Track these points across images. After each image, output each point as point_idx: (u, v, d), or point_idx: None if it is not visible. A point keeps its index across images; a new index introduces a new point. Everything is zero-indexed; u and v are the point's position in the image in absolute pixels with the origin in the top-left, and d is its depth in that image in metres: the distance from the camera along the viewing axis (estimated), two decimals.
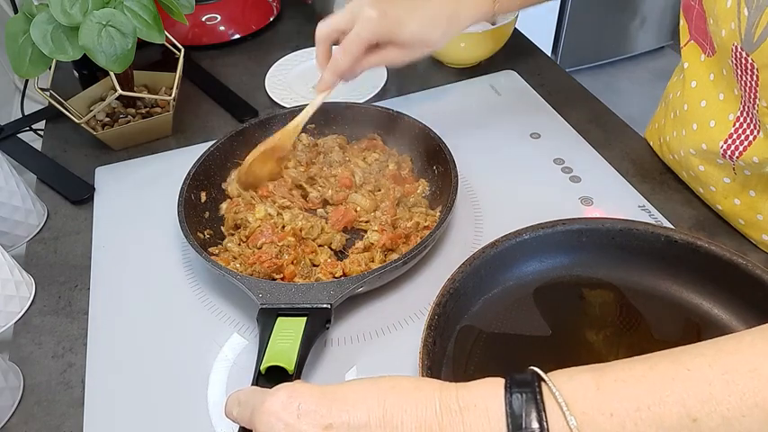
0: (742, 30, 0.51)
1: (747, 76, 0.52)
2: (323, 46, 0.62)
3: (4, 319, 0.58)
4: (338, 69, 0.61)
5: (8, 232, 0.66)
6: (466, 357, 0.51)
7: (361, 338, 0.56)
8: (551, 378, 0.33)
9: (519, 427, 0.32)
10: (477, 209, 0.67)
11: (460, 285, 0.52)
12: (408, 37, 0.59)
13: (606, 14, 2.36)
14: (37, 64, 0.67)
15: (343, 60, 0.60)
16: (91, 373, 0.55)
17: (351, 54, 0.59)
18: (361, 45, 0.59)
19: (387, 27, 0.58)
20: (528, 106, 0.82)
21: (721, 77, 0.57)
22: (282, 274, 0.59)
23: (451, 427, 0.33)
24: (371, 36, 0.59)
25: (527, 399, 0.32)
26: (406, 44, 0.60)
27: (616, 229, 0.55)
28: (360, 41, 0.59)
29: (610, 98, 0.92)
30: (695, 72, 0.62)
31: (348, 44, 0.59)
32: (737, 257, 0.51)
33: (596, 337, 0.52)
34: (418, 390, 0.35)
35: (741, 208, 0.61)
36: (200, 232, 0.63)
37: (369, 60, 0.61)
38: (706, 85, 0.60)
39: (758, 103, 0.52)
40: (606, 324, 0.53)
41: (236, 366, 0.54)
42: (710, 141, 0.59)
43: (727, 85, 0.57)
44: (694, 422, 0.30)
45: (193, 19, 0.95)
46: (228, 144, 0.70)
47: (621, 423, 0.31)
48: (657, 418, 0.30)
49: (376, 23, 0.58)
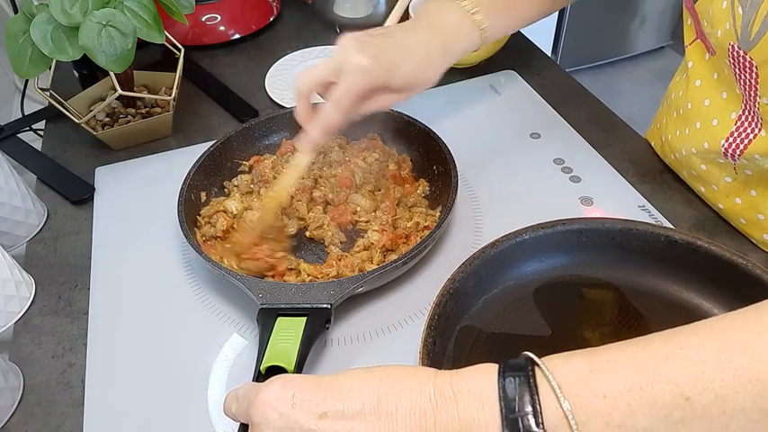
0: (738, 28, 0.51)
1: (746, 74, 0.52)
2: (304, 101, 0.56)
3: (4, 319, 0.58)
4: (329, 125, 0.55)
5: (8, 232, 0.66)
6: (466, 357, 0.51)
7: (361, 338, 0.56)
8: (545, 362, 0.33)
9: (512, 411, 0.32)
10: (477, 209, 0.67)
11: (460, 285, 0.52)
12: (403, 81, 0.55)
13: (606, 14, 2.36)
14: (37, 64, 0.67)
15: (334, 116, 0.54)
16: (91, 373, 0.55)
17: (343, 109, 0.54)
18: (353, 98, 0.53)
19: (380, 74, 0.53)
20: (528, 106, 0.82)
21: (724, 77, 0.57)
22: (273, 272, 0.59)
23: (445, 412, 0.33)
24: (364, 87, 0.53)
25: (520, 383, 0.33)
26: (401, 88, 0.56)
27: (616, 229, 0.55)
28: (352, 94, 0.53)
29: (610, 98, 0.92)
30: (699, 71, 0.61)
31: (339, 99, 0.53)
32: (737, 257, 0.51)
33: (596, 336, 0.52)
34: (413, 377, 0.35)
35: (742, 207, 0.61)
36: (198, 229, 0.63)
37: (360, 110, 0.56)
38: (710, 84, 0.60)
39: (759, 100, 0.52)
40: (606, 324, 0.53)
41: (236, 366, 0.54)
42: (712, 140, 0.59)
43: (729, 85, 0.57)
44: (687, 400, 0.30)
45: (193, 19, 0.95)
46: (228, 144, 0.70)
47: (614, 404, 0.31)
48: (650, 398, 0.30)
49: (367, 72, 0.53)
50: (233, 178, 0.70)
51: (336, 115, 0.54)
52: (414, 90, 0.57)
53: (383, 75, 0.54)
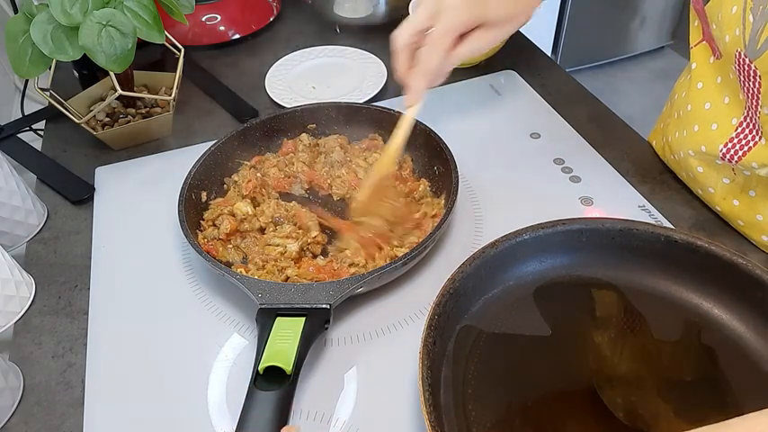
0: (746, 36, 0.51)
1: (750, 82, 0.52)
2: (404, 53, 0.55)
3: (4, 319, 0.58)
4: (429, 70, 0.54)
5: (8, 232, 0.66)
6: (466, 357, 0.51)
7: (361, 338, 0.56)
8: None
9: None
10: (477, 209, 0.67)
11: (460, 285, 0.52)
12: (502, 13, 0.54)
13: (606, 14, 2.36)
14: (37, 64, 0.66)
15: (432, 59, 0.53)
16: (91, 373, 0.55)
17: (443, 49, 0.53)
18: (453, 37, 0.53)
19: (477, 9, 0.52)
20: (528, 106, 0.82)
21: (728, 81, 0.57)
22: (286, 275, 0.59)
23: None
24: (463, 24, 0.52)
25: None
26: (498, 22, 0.54)
27: (616, 229, 0.55)
28: (452, 33, 0.52)
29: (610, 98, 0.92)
30: (703, 73, 0.61)
31: (438, 39, 0.53)
32: (737, 257, 0.51)
33: (596, 336, 0.52)
34: None
35: (740, 209, 0.61)
36: (201, 232, 0.63)
37: (457, 53, 0.55)
38: (712, 88, 0.60)
39: (760, 110, 0.52)
40: (606, 324, 0.53)
41: (236, 366, 0.54)
42: (710, 144, 0.59)
43: (733, 90, 0.57)
44: None
45: (193, 19, 0.95)
46: (228, 144, 0.70)
47: None
48: None
49: (465, 8, 0.52)
50: (233, 174, 0.70)
51: (435, 58, 0.53)
52: (511, 23, 0.56)
53: (480, 9, 0.53)
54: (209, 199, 0.67)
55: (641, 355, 0.51)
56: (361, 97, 0.83)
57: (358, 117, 0.75)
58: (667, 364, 0.51)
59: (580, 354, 0.51)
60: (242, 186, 0.67)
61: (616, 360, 0.51)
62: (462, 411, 0.48)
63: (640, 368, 0.50)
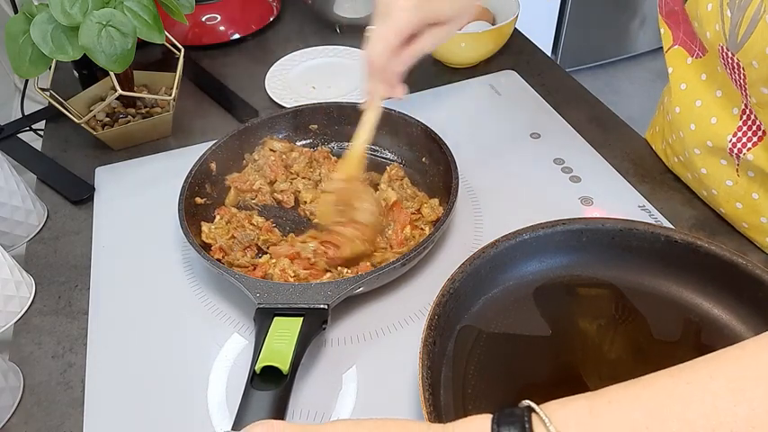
0: (726, 31, 0.51)
1: (736, 74, 0.53)
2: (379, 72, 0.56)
3: (4, 319, 0.58)
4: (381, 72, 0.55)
5: (8, 232, 0.66)
6: (466, 357, 0.51)
7: (360, 338, 0.56)
8: (543, 408, 0.32)
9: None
10: (477, 209, 0.67)
11: (460, 285, 0.52)
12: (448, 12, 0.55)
13: (606, 14, 2.36)
14: (37, 64, 0.67)
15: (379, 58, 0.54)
16: (91, 373, 0.55)
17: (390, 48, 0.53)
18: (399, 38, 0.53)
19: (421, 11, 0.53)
20: (528, 106, 0.82)
21: (716, 76, 0.57)
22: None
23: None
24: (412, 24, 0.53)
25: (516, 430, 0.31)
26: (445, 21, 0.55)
27: (616, 229, 0.55)
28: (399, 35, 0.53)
29: (610, 98, 0.92)
30: (682, 75, 0.62)
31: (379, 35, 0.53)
32: (737, 257, 0.51)
33: (596, 336, 0.53)
34: (404, 429, 0.34)
35: (744, 211, 0.61)
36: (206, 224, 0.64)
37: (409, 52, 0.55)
38: (697, 86, 0.60)
39: (749, 99, 0.53)
40: (606, 324, 0.53)
41: (235, 366, 0.54)
42: (716, 137, 0.58)
43: (723, 82, 0.57)
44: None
45: (193, 19, 0.95)
46: (228, 144, 0.70)
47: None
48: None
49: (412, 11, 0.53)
50: (253, 152, 0.72)
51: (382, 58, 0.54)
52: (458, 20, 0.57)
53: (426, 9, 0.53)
54: (208, 199, 0.67)
55: (641, 355, 0.51)
56: (360, 97, 0.83)
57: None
58: (667, 364, 0.51)
59: (580, 353, 0.51)
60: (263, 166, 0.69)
61: (616, 360, 0.51)
62: (462, 411, 0.48)
63: (640, 368, 0.50)
